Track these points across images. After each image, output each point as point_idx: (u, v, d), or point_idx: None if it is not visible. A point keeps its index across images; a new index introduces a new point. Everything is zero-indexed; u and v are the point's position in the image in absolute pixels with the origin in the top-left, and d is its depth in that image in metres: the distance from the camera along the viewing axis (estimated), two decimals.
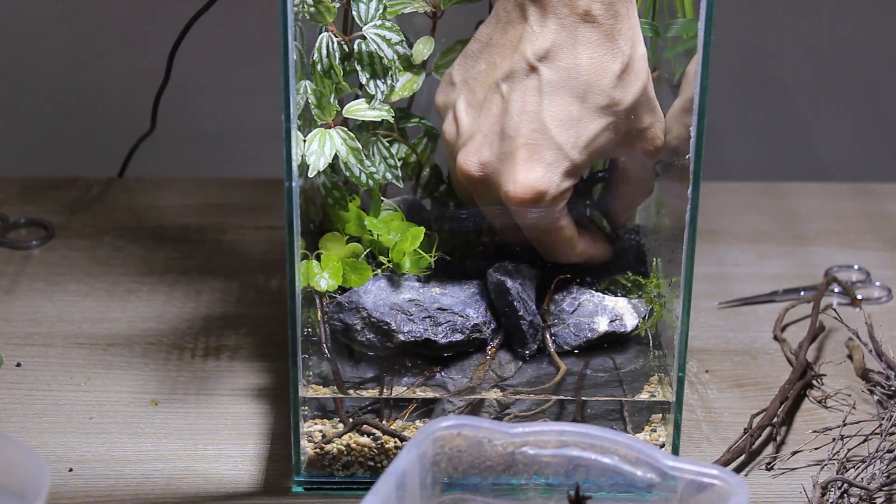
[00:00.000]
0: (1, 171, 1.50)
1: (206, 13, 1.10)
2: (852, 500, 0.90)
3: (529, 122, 0.86)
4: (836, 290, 1.16)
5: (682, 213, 0.87)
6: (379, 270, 0.93)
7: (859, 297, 1.16)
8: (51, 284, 1.16)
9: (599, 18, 0.84)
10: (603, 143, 0.87)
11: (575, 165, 0.87)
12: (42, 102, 1.63)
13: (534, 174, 0.86)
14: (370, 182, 0.93)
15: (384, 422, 0.92)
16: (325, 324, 0.91)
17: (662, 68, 0.95)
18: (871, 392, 1.02)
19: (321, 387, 0.92)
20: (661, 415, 0.94)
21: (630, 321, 0.92)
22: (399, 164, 0.94)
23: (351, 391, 0.92)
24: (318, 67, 0.89)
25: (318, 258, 0.92)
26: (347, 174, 0.92)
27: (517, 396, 0.92)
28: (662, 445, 0.93)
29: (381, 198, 0.96)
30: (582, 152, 0.86)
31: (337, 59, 0.89)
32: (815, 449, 0.97)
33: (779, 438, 0.97)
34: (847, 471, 0.93)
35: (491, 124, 0.87)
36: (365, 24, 0.89)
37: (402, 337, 0.90)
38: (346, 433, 0.92)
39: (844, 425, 0.98)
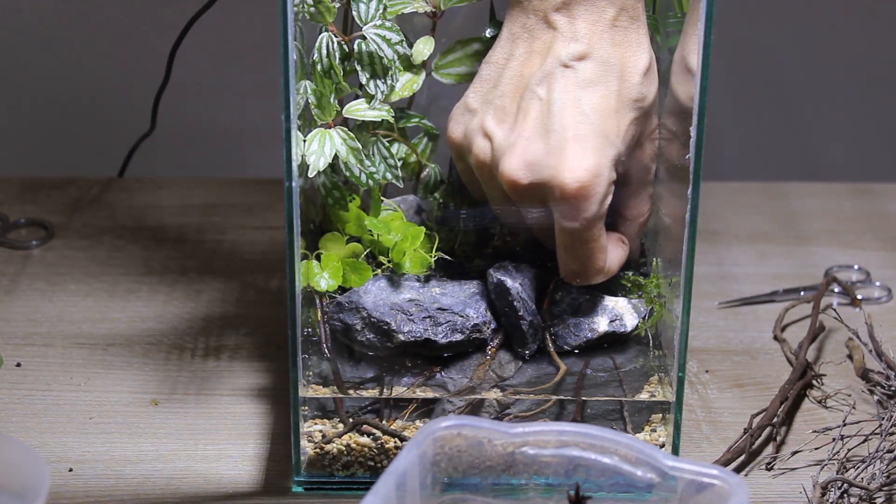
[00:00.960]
0: (1, 171, 1.50)
1: (206, 13, 1.10)
2: (852, 500, 0.90)
3: (573, 114, 0.86)
4: (836, 290, 1.16)
5: (682, 213, 0.87)
6: (379, 270, 0.93)
7: (859, 297, 1.16)
8: (51, 284, 1.16)
9: (624, 24, 0.87)
10: (633, 135, 0.89)
11: (619, 154, 0.88)
12: (42, 102, 1.63)
13: (587, 161, 0.86)
14: (370, 182, 0.93)
15: (384, 422, 0.92)
16: (325, 324, 0.91)
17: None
18: (871, 392, 1.02)
19: (321, 387, 0.92)
20: (661, 415, 0.94)
21: (630, 321, 0.92)
22: (399, 164, 0.94)
23: (351, 391, 0.92)
24: (318, 67, 0.89)
25: (318, 258, 0.92)
26: (347, 174, 0.92)
27: (517, 396, 0.92)
28: (662, 445, 0.93)
29: (381, 198, 0.96)
30: (623, 142, 0.88)
31: (337, 59, 0.89)
32: (815, 449, 0.97)
33: (779, 438, 0.97)
34: (847, 471, 0.93)
35: (532, 127, 0.87)
36: (365, 24, 0.89)
37: (402, 337, 0.90)
38: (346, 433, 0.92)
39: (844, 425, 0.98)
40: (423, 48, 0.92)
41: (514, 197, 0.88)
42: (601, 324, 0.92)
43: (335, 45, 0.89)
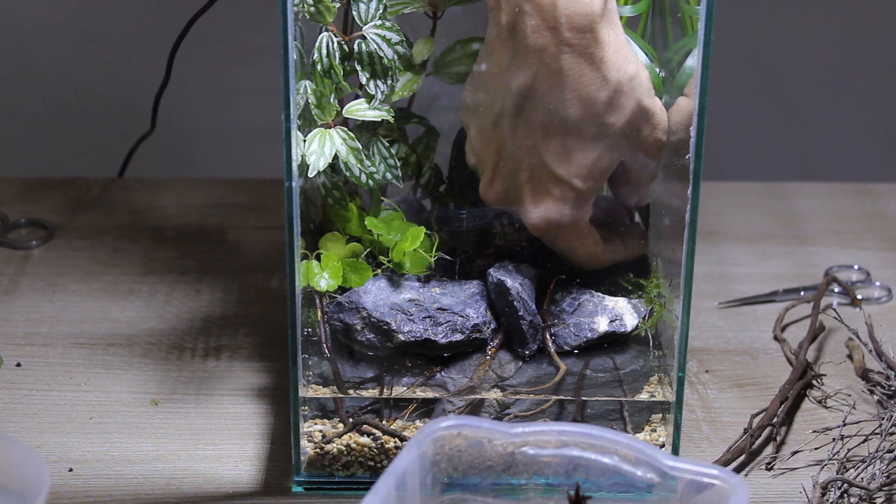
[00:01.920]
0: (1, 171, 1.50)
1: (206, 13, 1.10)
2: (852, 500, 0.90)
3: (528, 157, 0.86)
4: (836, 290, 1.16)
5: (682, 213, 0.87)
6: (379, 270, 0.93)
7: (859, 297, 1.16)
8: (51, 284, 1.16)
9: (578, 48, 0.83)
10: (605, 164, 0.87)
11: (581, 193, 0.87)
12: (42, 102, 1.63)
13: (543, 208, 0.88)
14: (370, 182, 0.93)
15: (384, 422, 0.92)
16: (325, 324, 0.91)
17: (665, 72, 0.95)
18: (871, 392, 1.02)
19: (321, 387, 0.92)
20: (661, 415, 0.94)
21: (630, 321, 0.92)
22: (399, 164, 0.94)
23: (351, 391, 0.92)
24: (318, 67, 0.89)
25: (318, 258, 0.92)
26: (347, 174, 0.92)
27: (517, 396, 0.92)
28: (662, 445, 0.93)
29: (381, 198, 0.96)
30: (585, 180, 0.87)
31: (337, 59, 0.89)
32: (815, 449, 0.97)
33: (779, 438, 0.97)
34: (847, 471, 0.93)
35: (496, 158, 0.88)
36: (365, 24, 0.89)
37: (402, 337, 0.90)
38: (346, 433, 0.92)
39: (844, 425, 0.98)
40: (423, 48, 0.92)
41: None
42: (601, 324, 0.92)
43: (335, 45, 0.89)
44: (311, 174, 0.89)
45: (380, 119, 0.91)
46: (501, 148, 0.87)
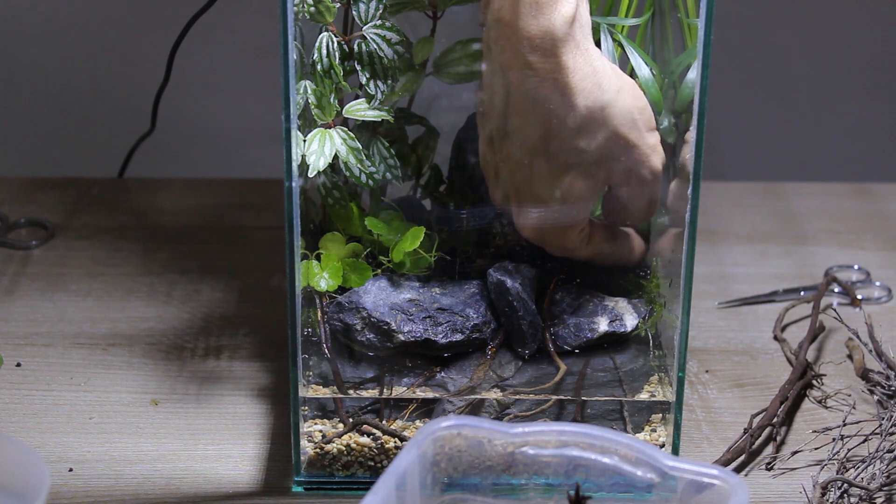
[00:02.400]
0: (1, 171, 1.50)
1: (206, 13, 1.10)
2: (852, 500, 0.90)
3: (512, 179, 0.87)
4: (836, 290, 1.16)
5: (682, 213, 0.87)
6: (379, 270, 0.93)
7: (859, 297, 1.16)
8: (51, 284, 1.16)
9: (541, 72, 0.82)
10: (582, 189, 0.87)
11: (575, 210, 0.88)
12: (42, 102, 1.63)
13: (529, 226, 0.89)
14: (370, 182, 0.93)
15: (384, 422, 0.92)
16: (325, 324, 0.91)
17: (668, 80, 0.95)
18: (871, 392, 1.02)
19: (321, 387, 0.92)
20: (661, 415, 0.94)
21: (630, 321, 0.92)
22: (399, 164, 0.94)
23: (351, 391, 0.92)
24: (318, 67, 0.89)
25: (318, 258, 0.92)
26: (347, 174, 0.92)
27: (517, 396, 0.92)
28: (662, 445, 0.93)
29: (381, 198, 0.96)
30: (565, 200, 0.87)
31: (337, 59, 0.89)
32: (815, 449, 0.97)
33: (779, 438, 0.97)
34: (847, 471, 0.93)
35: (495, 176, 0.90)
36: (365, 24, 0.89)
37: (402, 337, 0.90)
38: (346, 433, 0.92)
39: (844, 425, 0.98)
40: (423, 48, 0.92)
41: None
42: (601, 324, 0.92)
43: (335, 45, 0.89)
44: (311, 174, 0.89)
45: (380, 119, 0.91)
46: (492, 169, 0.89)
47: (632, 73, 0.90)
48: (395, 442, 0.92)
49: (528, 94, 0.83)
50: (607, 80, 0.84)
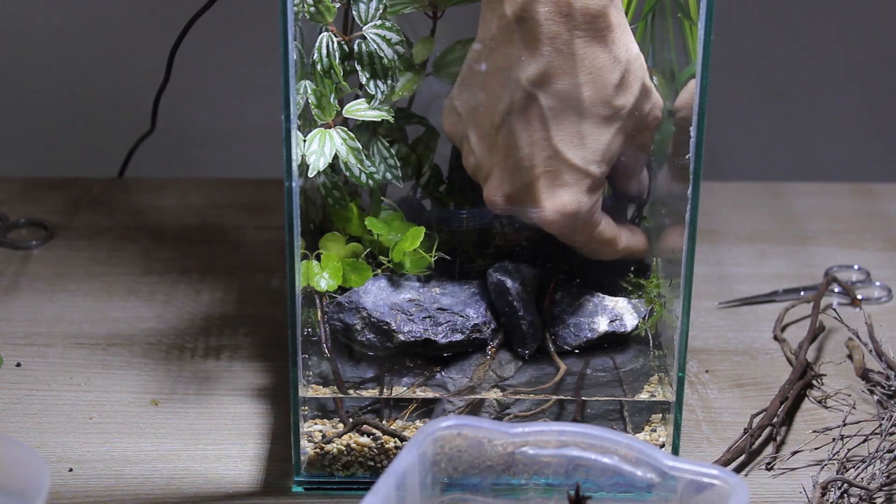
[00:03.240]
0: (1, 171, 1.50)
1: (206, 13, 1.10)
2: (852, 500, 0.90)
3: (541, 150, 0.85)
4: (836, 290, 1.16)
5: (682, 213, 0.87)
6: (379, 270, 0.93)
7: (859, 297, 1.16)
8: (51, 284, 1.16)
9: (591, 31, 0.83)
10: (616, 148, 0.87)
11: (596, 179, 0.87)
12: (42, 102, 1.63)
13: (559, 200, 0.86)
14: (370, 182, 0.93)
15: (384, 422, 0.92)
16: (325, 324, 0.92)
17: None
18: (871, 392, 1.02)
19: (321, 387, 0.92)
20: (661, 415, 0.94)
21: (630, 321, 0.92)
22: (399, 164, 0.94)
23: (351, 391, 0.92)
24: (318, 67, 0.89)
25: (318, 258, 0.92)
26: (347, 174, 0.92)
27: (517, 396, 0.92)
28: (662, 445, 0.93)
29: (381, 198, 0.96)
30: (599, 165, 0.86)
31: (337, 59, 0.89)
32: (815, 449, 0.97)
33: (779, 438, 0.97)
34: (847, 471, 0.93)
35: (505, 158, 0.87)
36: (365, 24, 0.90)
37: (402, 337, 0.90)
38: (346, 433, 0.92)
39: (844, 425, 0.98)
40: (423, 48, 0.92)
41: (502, 213, 0.90)
42: (601, 324, 0.92)
43: (335, 45, 0.89)
44: (311, 174, 0.89)
45: (380, 119, 0.91)
46: (509, 147, 0.86)
47: None
48: (395, 442, 0.92)
49: (575, 56, 0.83)
50: (631, 32, 0.86)
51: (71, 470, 0.94)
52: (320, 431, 0.92)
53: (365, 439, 0.92)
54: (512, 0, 0.83)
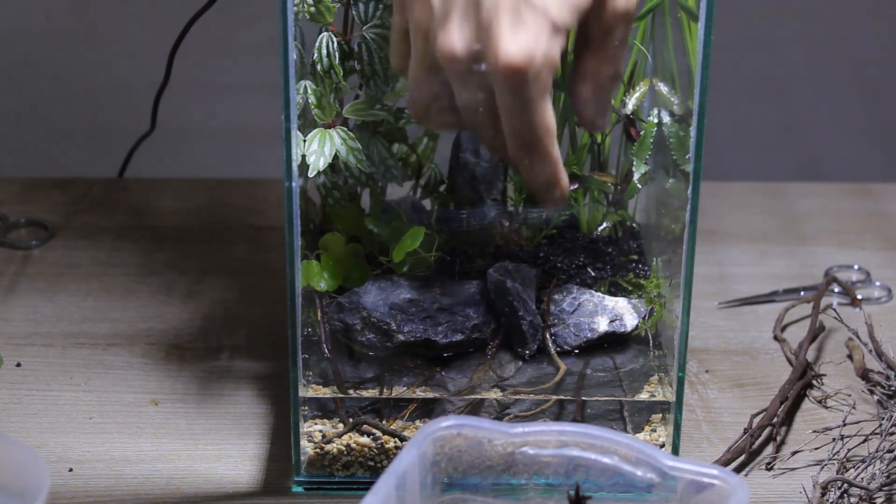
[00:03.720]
0: (1, 171, 1.51)
1: (206, 13, 1.10)
2: (852, 500, 0.90)
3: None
4: (836, 290, 1.16)
5: (682, 213, 0.87)
6: (379, 270, 0.93)
7: (859, 297, 1.16)
8: (51, 284, 1.16)
9: None
10: (585, 1, 0.81)
11: (558, 26, 0.80)
12: (42, 102, 1.63)
13: (518, 40, 0.79)
14: (370, 182, 0.93)
15: (384, 422, 0.92)
16: (325, 324, 0.92)
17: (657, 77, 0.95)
18: (871, 392, 1.02)
19: (321, 387, 0.92)
20: (661, 415, 0.94)
21: (630, 321, 0.92)
22: (399, 164, 0.94)
23: (351, 391, 0.92)
24: (318, 67, 0.89)
25: (318, 258, 0.92)
26: (347, 174, 0.92)
27: (517, 396, 0.92)
28: (662, 445, 0.93)
29: (381, 198, 0.96)
30: (560, 10, 0.80)
31: (337, 59, 0.89)
32: (815, 449, 0.97)
33: (779, 438, 0.97)
34: (847, 471, 0.93)
35: (464, 1, 0.80)
36: (365, 24, 0.90)
37: (402, 337, 0.90)
38: (346, 433, 0.92)
39: (844, 425, 0.98)
40: None
41: (451, 73, 0.82)
42: (601, 324, 0.92)
43: (335, 45, 0.89)
44: (311, 174, 0.89)
45: (380, 119, 0.91)
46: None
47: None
48: (395, 442, 0.92)
49: None
50: None
51: (71, 470, 0.94)
52: (320, 431, 0.92)
53: (365, 439, 0.92)
54: None
